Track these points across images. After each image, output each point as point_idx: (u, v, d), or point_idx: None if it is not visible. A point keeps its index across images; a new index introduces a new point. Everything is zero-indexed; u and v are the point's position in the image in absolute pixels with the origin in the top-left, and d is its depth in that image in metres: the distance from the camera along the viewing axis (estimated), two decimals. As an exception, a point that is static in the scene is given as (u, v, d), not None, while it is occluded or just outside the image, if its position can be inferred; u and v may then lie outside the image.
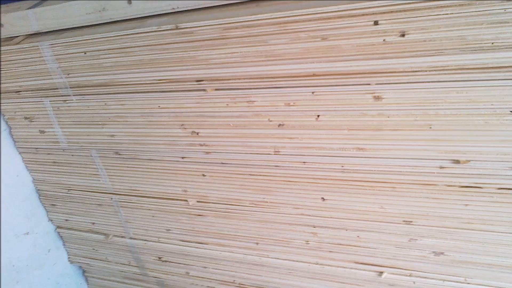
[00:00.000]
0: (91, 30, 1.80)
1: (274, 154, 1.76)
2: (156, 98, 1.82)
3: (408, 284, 1.87)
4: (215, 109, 1.75)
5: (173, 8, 1.65)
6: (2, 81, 2.07)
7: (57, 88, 1.98)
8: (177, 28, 1.59)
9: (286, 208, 1.90)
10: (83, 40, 1.78)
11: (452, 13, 1.25)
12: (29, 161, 2.38)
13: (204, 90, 1.71)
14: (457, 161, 1.50)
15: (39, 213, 2.53)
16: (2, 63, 2.00)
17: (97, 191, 2.30)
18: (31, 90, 2.05)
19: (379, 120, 1.52)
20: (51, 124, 2.13)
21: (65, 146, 2.18)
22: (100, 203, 2.34)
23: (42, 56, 1.89)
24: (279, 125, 1.68)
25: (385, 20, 1.32)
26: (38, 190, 2.48)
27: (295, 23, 1.43)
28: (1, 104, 2.19)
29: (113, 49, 1.75)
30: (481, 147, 1.44)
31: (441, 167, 1.54)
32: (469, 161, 1.48)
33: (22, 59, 1.95)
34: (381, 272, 1.89)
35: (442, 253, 1.74)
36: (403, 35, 1.33)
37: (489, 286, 1.74)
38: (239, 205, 1.99)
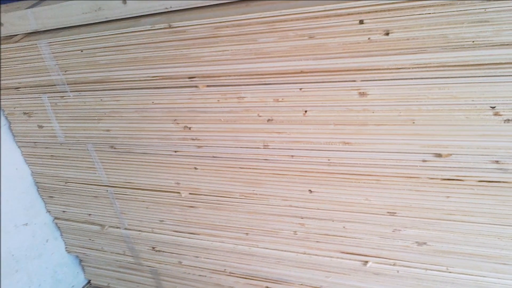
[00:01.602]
0: (88, 29, 1.80)
1: (263, 148, 1.76)
2: (150, 94, 1.82)
3: (392, 273, 1.87)
4: (206, 105, 1.74)
5: (166, 8, 1.64)
6: (2, 78, 2.06)
7: (54, 85, 1.97)
8: (170, 27, 1.59)
9: (275, 200, 1.89)
10: (80, 38, 1.78)
11: (434, 13, 1.25)
12: (28, 154, 2.37)
13: (196, 86, 1.71)
14: (439, 155, 1.50)
15: (37, 204, 2.52)
16: (2, 60, 1.99)
17: (93, 183, 2.29)
18: (30, 87, 2.05)
19: (364, 115, 1.52)
20: (49, 119, 2.12)
21: (62, 140, 2.17)
22: (96, 195, 2.33)
23: (41, 54, 1.89)
24: (268, 120, 1.67)
25: (370, 19, 1.32)
26: (37, 182, 2.47)
27: (283, 22, 1.43)
28: (1, 100, 2.17)
29: (109, 47, 1.75)
30: (462, 141, 1.44)
31: (423, 161, 1.54)
32: (451, 154, 1.48)
33: (21, 56, 1.94)
34: (366, 262, 1.88)
35: (424, 243, 1.74)
36: (387, 34, 1.33)
37: (469, 274, 1.74)
38: (229, 197, 1.99)
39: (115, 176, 2.20)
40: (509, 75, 1.27)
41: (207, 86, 1.69)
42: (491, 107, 1.34)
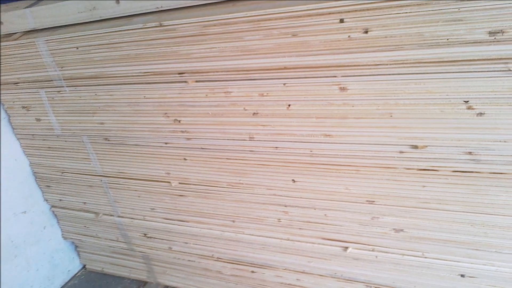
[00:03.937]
0: (83, 27, 1.79)
1: (249, 140, 1.75)
2: (142, 89, 1.81)
3: (370, 258, 1.87)
4: (195, 99, 1.73)
5: (157, 7, 1.63)
6: (1, 74, 2.05)
7: (51, 80, 1.96)
8: (161, 25, 1.58)
9: (260, 189, 1.89)
10: (76, 36, 1.77)
11: (410, 12, 1.24)
12: (26, 146, 2.35)
13: (185, 82, 1.70)
14: (415, 146, 1.49)
15: (35, 193, 2.50)
16: (1, 57, 1.98)
17: (88, 173, 2.28)
18: (28, 82, 2.03)
19: (344, 109, 1.51)
20: (46, 113, 2.11)
21: (59, 133, 2.16)
22: (91, 185, 2.31)
23: (38, 51, 1.88)
24: (254, 113, 1.66)
25: (350, 18, 1.32)
26: (35, 172, 2.46)
27: (268, 21, 1.42)
28: (1, 95, 2.16)
29: (103, 44, 1.74)
30: (437, 133, 1.43)
31: (401, 152, 1.53)
32: (426, 146, 1.48)
33: (20, 53, 1.94)
34: (346, 247, 1.88)
35: (401, 230, 1.73)
36: (366, 32, 1.32)
37: (444, 260, 1.74)
38: (217, 187, 1.98)
39: (109, 166, 2.19)
40: (481, 71, 1.28)
41: (196, 81, 1.68)
42: (464, 101, 1.34)
